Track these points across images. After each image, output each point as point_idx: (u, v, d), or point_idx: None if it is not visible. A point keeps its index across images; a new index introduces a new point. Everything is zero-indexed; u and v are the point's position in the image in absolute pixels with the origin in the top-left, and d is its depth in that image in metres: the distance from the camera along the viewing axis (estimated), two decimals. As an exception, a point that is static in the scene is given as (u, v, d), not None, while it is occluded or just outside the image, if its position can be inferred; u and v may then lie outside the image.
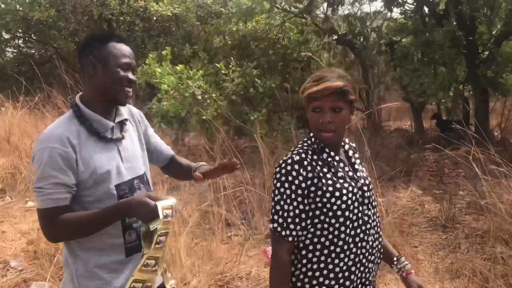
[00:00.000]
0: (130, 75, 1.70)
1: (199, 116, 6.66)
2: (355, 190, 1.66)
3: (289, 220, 1.59)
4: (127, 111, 1.87)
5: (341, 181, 1.64)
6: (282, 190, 1.60)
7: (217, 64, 7.32)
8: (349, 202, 1.63)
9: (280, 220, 1.60)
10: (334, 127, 1.63)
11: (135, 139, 1.86)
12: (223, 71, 7.15)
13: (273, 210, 1.63)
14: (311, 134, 1.71)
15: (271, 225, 1.63)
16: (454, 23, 7.99)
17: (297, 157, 1.62)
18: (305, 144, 1.70)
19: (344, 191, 1.62)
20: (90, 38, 1.71)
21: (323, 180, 1.61)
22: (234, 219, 4.15)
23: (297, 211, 1.59)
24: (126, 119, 1.82)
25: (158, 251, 1.53)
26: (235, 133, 7.33)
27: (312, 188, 1.60)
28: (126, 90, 1.70)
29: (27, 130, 6.92)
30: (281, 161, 1.65)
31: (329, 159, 1.67)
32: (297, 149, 1.68)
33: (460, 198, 5.09)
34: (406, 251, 3.75)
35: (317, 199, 1.60)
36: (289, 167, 1.60)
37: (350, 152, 1.79)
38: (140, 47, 11.67)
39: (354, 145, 1.86)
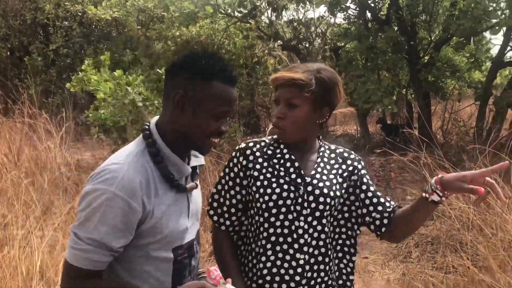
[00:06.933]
0: (224, 126, 1.32)
1: (140, 125, 6.32)
2: (291, 195, 1.45)
3: (224, 208, 1.53)
4: None
5: (281, 180, 1.46)
6: (222, 175, 1.54)
7: (159, 70, 7.00)
8: (275, 204, 1.45)
9: (215, 205, 1.55)
10: (282, 124, 1.46)
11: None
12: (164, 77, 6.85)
13: (212, 191, 1.57)
14: None
15: (208, 209, 1.57)
16: (396, 28, 8.12)
17: (243, 145, 1.53)
18: (272, 137, 1.57)
19: (278, 190, 1.44)
20: (191, 67, 1.28)
21: (256, 173, 1.48)
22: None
23: (233, 201, 1.52)
24: (202, 165, 1.46)
25: None
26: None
27: (248, 179, 1.49)
28: (212, 142, 1.34)
29: None
30: None
31: (278, 155, 1.51)
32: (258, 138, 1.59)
33: (408, 204, 5.05)
34: (356, 262, 3.62)
35: (250, 192, 1.49)
36: (232, 154, 1.54)
37: (325, 159, 1.55)
38: (79, 54, 11.13)
39: (356, 156, 1.61)
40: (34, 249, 2.94)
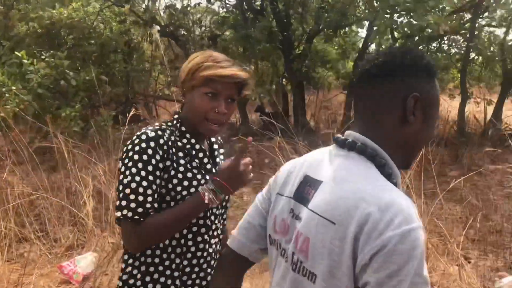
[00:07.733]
0: None
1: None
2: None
3: (147, 205, 1.34)
4: None
5: (195, 171, 1.45)
6: (134, 170, 1.34)
7: (18, 53, 6.43)
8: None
9: (132, 205, 1.33)
10: (225, 119, 1.47)
11: None
12: (25, 61, 6.33)
13: (121, 195, 1.34)
14: (176, 116, 1.50)
15: (119, 214, 1.34)
16: (271, 19, 8.36)
17: (153, 134, 1.38)
18: (168, 124, 1.48)
19: (195, 183, 1.43)
20: (418, 64, 1.06)
21: (175, 165, 1.41)
22: (27, 233, 3.59)
23: (156, 196, 1.37)
24: None
25: None
26: (44, 133, 6.54)
27: (165, 171, 1.40)
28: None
29: None
30: (133, 137, 1.39)
31: (188, 145, 1.47)
32: (153, 126, 1.44)
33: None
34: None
35: (167, 185, 1.40)
36: (144, 144, 1.36)
37: (215, 145, 1.64)
38: None
39: (220, 139, 1.70)
40: None
